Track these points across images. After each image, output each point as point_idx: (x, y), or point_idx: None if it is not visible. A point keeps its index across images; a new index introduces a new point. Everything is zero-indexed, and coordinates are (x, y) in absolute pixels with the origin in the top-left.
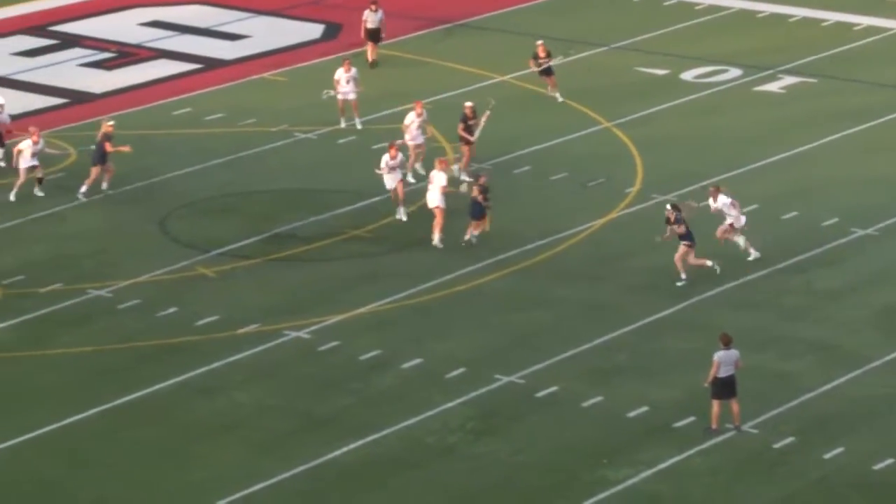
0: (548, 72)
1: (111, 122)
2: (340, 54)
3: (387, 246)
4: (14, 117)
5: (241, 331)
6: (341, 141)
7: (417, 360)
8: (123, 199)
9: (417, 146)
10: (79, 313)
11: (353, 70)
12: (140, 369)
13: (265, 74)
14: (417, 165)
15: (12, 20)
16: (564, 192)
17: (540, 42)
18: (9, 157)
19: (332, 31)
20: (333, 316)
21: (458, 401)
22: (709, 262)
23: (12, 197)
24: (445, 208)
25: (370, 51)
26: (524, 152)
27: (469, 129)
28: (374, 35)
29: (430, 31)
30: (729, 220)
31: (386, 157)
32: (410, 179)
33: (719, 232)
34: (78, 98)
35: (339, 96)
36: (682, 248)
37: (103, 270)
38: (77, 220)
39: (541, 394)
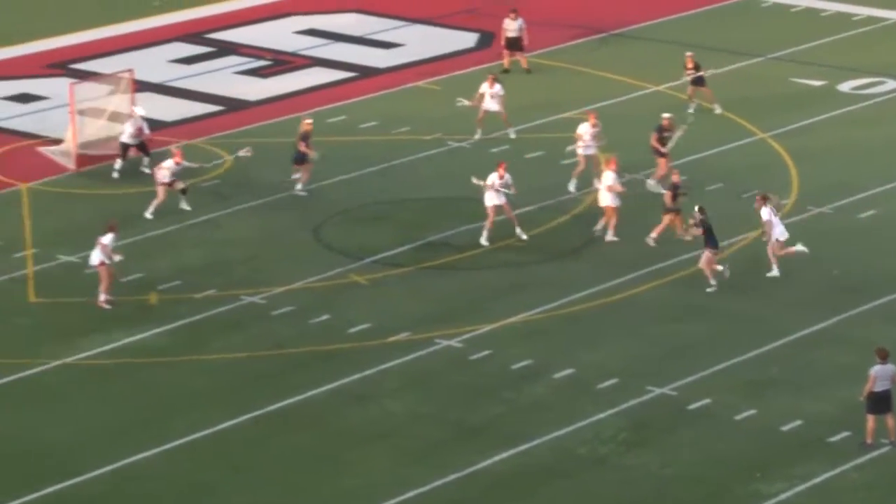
0: (699, 82)
1: (309, 120)
2: (494, 63)
3: (539, 255)
4: (169, 125)
5: (392, 339)
6: (495, 150)
7: (569, 370)
8: (278, 206)
9: (589, 157)
10: (232, 319)
11: (498, 86)
12: (292, 376)
13: (419, 83)
14: (574, 181)
15: (170, 27)
16: (719, 203)
17: (689, 53)
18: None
19: (486, 40)
20: (485, 325)
21: (610, 412)
22: (718, 267)
23: (149, 214)
24: (617, 206)
25: (508, 59)
26: (679, 163)
27: (662, 141)
28: (514, 44)
29: (585, 41)
30: (773, 236)
31: (494, 176)
32: (571, 189)
33: (773, 250)
34: (233, 105)
35: (482, 107)
36: (706, 253)
37: (257, 277)
38: (232, 226)
39: (693, 406)
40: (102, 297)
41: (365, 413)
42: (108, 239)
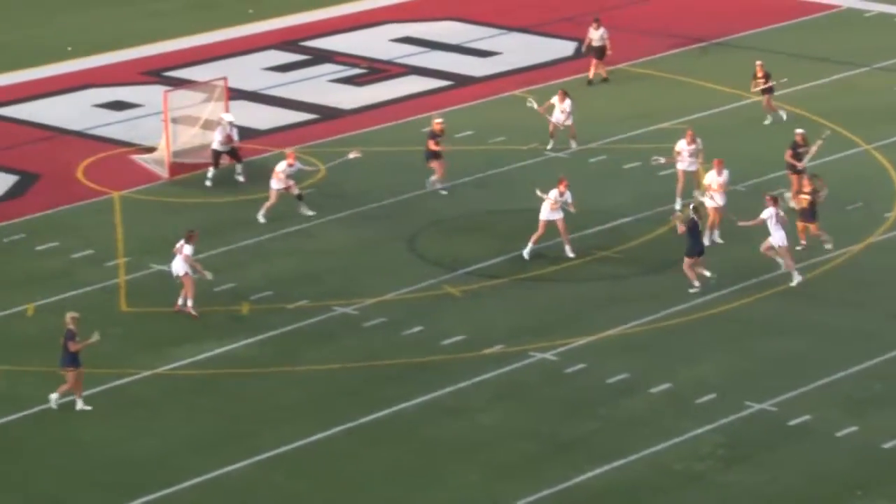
0: (769, 92)
1: (440, 120)
2: (590, 72)
3: (637, 267)
4: (262, 133)
5: (486, 351)
6: (592, 160)
7: (666, 385)
8: (372, 215)
9: (689, 173)
10: (325, 330)
11: (568, 102)
12: (385, 388)
13: (516, 92)
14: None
15: (265, 35)
16: (823, 215)
17: (759, 62)
18: (249, 173)
19: (579, 49)
20: (581, 338)
21: (708, 427)
22: (706, 272)
23: (261, 218)
24: (719, 206)
25: (594, 68)
26: (780, 174)
27: (798, 156)
28: (599, 52)
29: (685, 50)
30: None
31: (555, 192)
32: (677, 209)
33: (762, 247)
34: (328, 114)
35: (551, 120)
36: (685, 260)
37: (349, 287)
38: (325, 236)
39: (793, 422)
40: (189, 302)
41: (457, 426)
42: (189, 249)
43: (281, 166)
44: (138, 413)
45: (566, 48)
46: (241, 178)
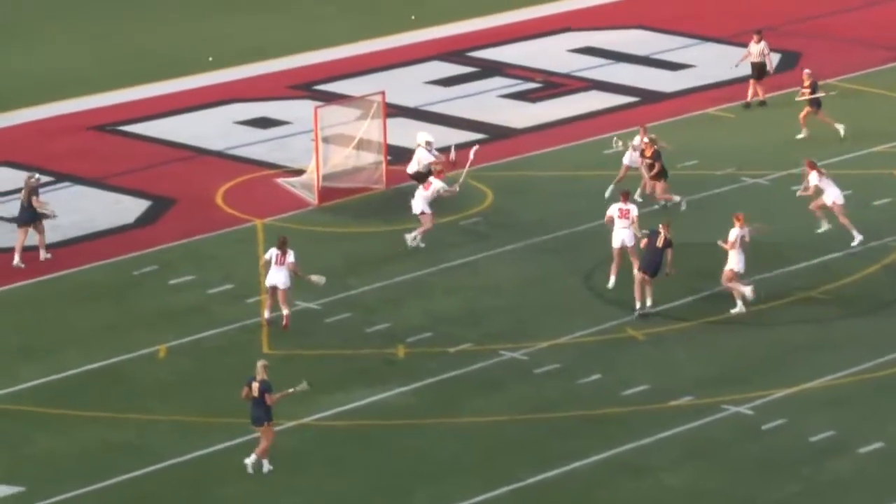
0: (816, 104)
1: (650, 137)
2: (796, 88)
3: (845, 309)
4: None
5: (673, 403)
6: (797, 188)
7: (878, 444)
8: (544, 248)
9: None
10: (491, 377)
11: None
12: (558, 443)
13: (710, 110)
14: None
15: (427, 44)
16: None
17: (807, 70)
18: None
19: (789, 61)
20: (780, 389)
21: None
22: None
23: (411, 241)
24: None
25: (752, 89)
26: None
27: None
28: (758, 71)
29: None
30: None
31: (735, 231)
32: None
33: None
34: (498, 133)
35: (625, 162)
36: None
37: (519, 329)
38: (491, 271)
39: None
40: (285, 311)
41: (639, 487)
42: (293, 256)
43: (437, 185)
44: (281, 467)
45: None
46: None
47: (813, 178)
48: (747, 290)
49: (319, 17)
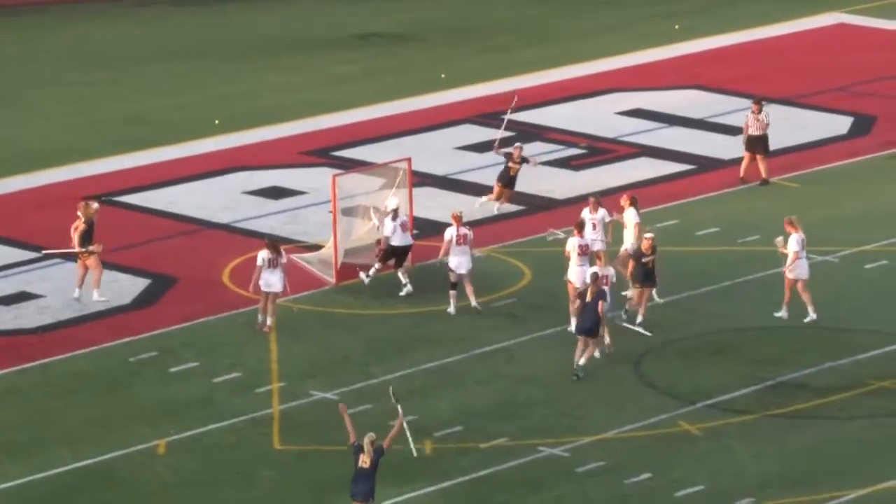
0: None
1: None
2: (866, 156)
3: None
4: (445, 226)
5: None
6: (870, 266)
7: None
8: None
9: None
10: (528, 476)
11: (602, 212)
12: None
13: (773, 179)
14: None
15: (458, 106)
16: None
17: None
18: (429, 276)
19: (862, 126)
20: (851, 490)
21: None
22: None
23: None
24: None
25: (746, 164)
26: None
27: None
28: (755, 144)
29: None
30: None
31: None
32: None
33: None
34: (538, 204)
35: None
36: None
37: (560, 422)
38: (529, 356)
39: None
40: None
41: None
42: (286, 257)
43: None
44: None
45: (840, 125)
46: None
47: (793, 243)
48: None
49: (339, 76)
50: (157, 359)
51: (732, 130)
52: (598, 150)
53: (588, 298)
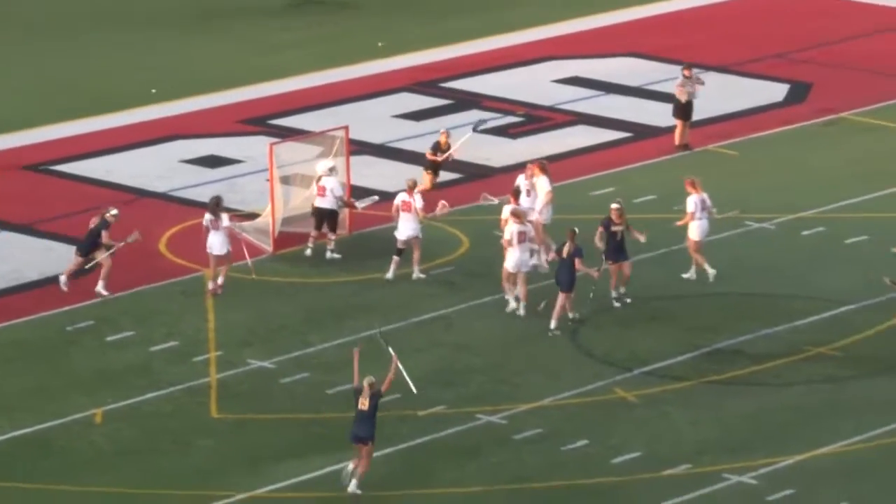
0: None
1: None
2: (802, 124)
3: (861, 368)
4: (391, 195)
5: (668, 472)
6: (806, 232)
7: None
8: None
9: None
10: (466, 444)
11: (544, 179)
12: None
13: (710, 146)
14: None
15: (396, 74)
16: None
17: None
18: (373, 245)
19: (798, 93)
20: (787, 457)
21: None
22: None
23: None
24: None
25: (679, 131)
26: None
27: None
28: (684, 111)
29: None
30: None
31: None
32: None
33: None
34: (474, 172)
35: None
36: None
37: (497, 390)
38: (466, 324)
39: None
40: (220, 280)
41: None
42: (226, 219)
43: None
44: None
45: (775, 92)
46: (336, 256)
47: (689, 204)
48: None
49: (276, 44)
50: (94, 328)
51: (669, 98)
52: (536, 118)
53: (564, 255)
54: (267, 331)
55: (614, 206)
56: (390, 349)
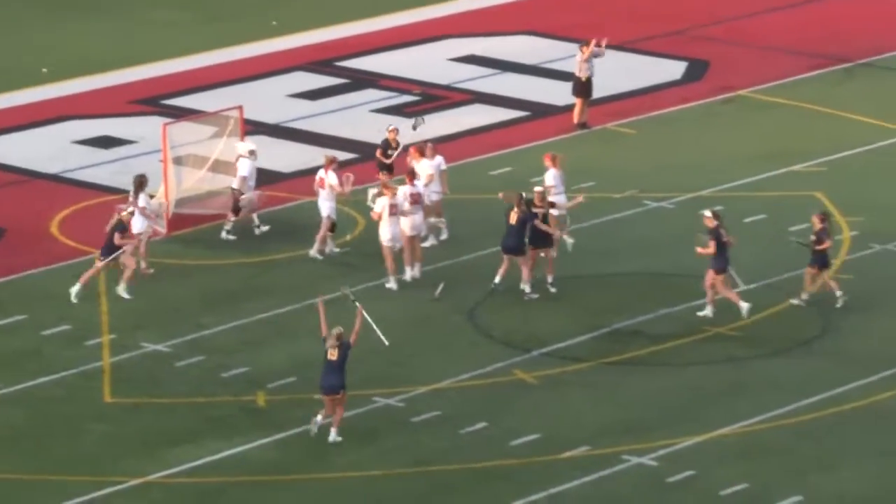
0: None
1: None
2: (701, 102)
3: (760, 348)
4: (286, 177)
5: (567, 454)
6: (707, 212)
7: (796, 498)
8: (422, 281)
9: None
10: (363, 427)
11: (438, 159)
12: (439, 500)
13: (608, 125)
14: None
15: (291, 53)
16: None
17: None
18: (272, 227)
19: (696, 71)
20: (687, 438)
21: None
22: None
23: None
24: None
25: (578, 109)
26: None
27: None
28: (584, 88)
29: (825, 72)
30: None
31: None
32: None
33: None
34: (370, 153)
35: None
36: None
37: (395, 372)
38: (363, 305)
39: None
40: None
41: None
42: (143, 200)
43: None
44: None
45: (673, 70)
46: (231, 237)
47: (549, 178)
48: None
49: (168, 23)
50: None
51: (566, 76)
52: (432, 97)
53: (513, 221)
54: (161, 313)
55: (537, 189)
56: (357, 303)
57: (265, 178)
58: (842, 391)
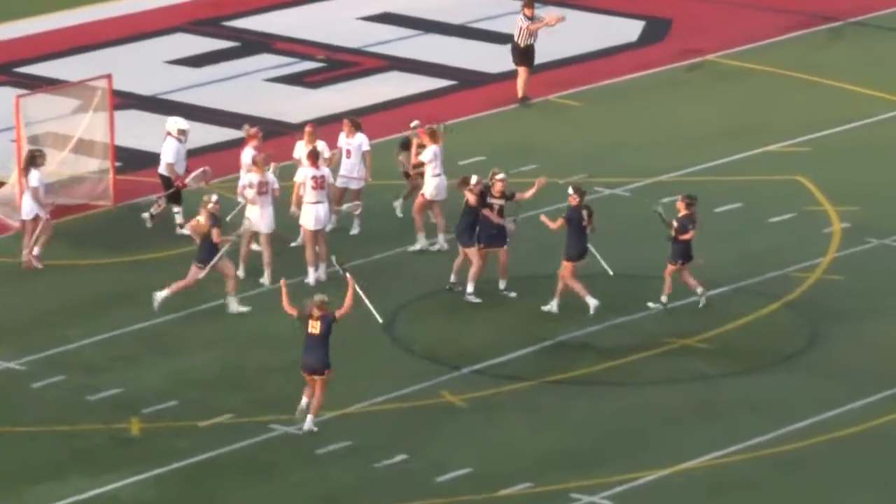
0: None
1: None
2: (661, 68)
3: (734, 364)
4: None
5: (504, 492)
6: (667, 200)
7: None
8: (329, 285)
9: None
10: (259, 460)
11: (360, 137)
12: None
13: (550, 96)
14: None
15: (169, 11)
16: None
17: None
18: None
19: (656, 31)
20: (647, 472)
21: None
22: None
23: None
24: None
25: (523, 80)
26: None
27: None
28: (525, 56)
29: (808, 33)
30: None
31: None
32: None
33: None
34: (266, 129)
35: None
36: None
37: (297, 394)
38: (258, 316)
39: None
40: (36, 251)
41: None
42: (36, 178)
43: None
44: None
45: (628, 31)
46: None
47: (428, 154)
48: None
49: None
50: None
51: (500, 38)
52: (339, 63)
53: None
54: (16, 324)
55: (500, 176)
56: (347, 274)
57: (139, 159)
58: (833, 414)
